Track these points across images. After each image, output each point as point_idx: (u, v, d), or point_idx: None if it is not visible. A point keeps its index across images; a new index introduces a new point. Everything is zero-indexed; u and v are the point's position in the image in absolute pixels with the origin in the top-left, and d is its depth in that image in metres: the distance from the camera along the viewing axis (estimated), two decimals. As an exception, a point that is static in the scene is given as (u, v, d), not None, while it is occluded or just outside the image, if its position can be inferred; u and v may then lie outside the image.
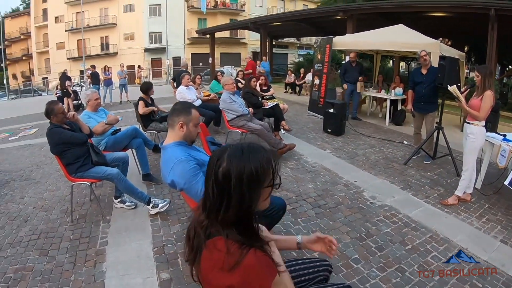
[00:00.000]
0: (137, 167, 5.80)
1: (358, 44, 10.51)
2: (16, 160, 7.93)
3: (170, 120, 2.97)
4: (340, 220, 4.21)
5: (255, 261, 1.36)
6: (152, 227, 4.22)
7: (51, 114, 4.34)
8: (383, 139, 7.96)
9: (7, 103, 28.85)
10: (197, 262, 1.51)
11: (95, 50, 42.78)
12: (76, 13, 42.17)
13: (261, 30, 21.56)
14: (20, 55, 50.90)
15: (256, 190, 1.43)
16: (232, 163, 1.41)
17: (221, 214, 1.43)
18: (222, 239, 1.42)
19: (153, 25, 41.51)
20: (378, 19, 13.96)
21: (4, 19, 47.75)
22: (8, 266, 3.64)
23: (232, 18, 41.80)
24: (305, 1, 49.41)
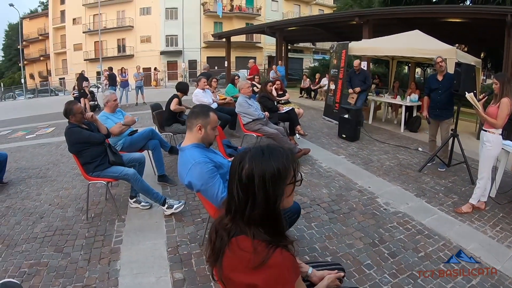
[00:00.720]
0: (153, 168, 5.85)
1: (374, 50, 10.49)
2: (33, 158, 8.05)
3: (188, 122, 3.02)
4: (354, 226, 4.20)
5: (281, 260, 1.39)
6: (167, 227, 4.25)
7: (70, 114, 4.42)
8: (398, 145, 7.91)
9: (24, 102, 29.28)
10: (218, 262, 1.54)
11: (111, 52, 43.21)
12: (94, 15, 42.77)
13: (277, 35, 21.53)
14: (37, 55, 51.77)
15: (279, 188, 1.46)
16: (255, 164, 1.46)
17: (247, 213, 1.46)
18: (247, 239, 1.45)
19: (169, 28, 41.68)
20: (394, 24, 13.88)
21: (23, 20, 48.45)
22: (23, 261, 3.71)
23: (248, 22, 41.90)
24: (320, 6, 49.42)
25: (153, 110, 7.55)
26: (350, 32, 17.98)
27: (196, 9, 41.58)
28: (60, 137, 9.95)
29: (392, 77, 13.05)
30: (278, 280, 1.38)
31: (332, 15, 19.60)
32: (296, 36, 25.39)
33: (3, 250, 3.99)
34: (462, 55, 8.81)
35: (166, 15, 41.85)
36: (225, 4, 41.82)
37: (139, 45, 42.73)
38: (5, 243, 4.14)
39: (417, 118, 9.61)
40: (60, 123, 12.57)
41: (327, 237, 3.94)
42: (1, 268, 3.62)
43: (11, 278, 3.08)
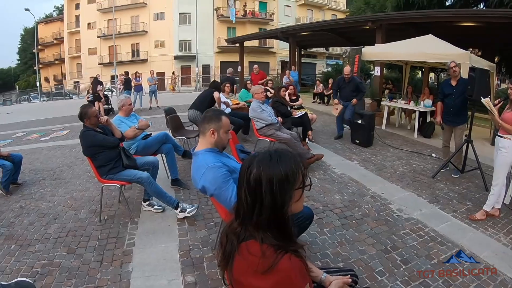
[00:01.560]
0: (166, 172, 5.88)
1: (387, 55, 10.46)
2: (47, 160, 8.14)
3: (201, 127, 3.04)
4: (366, 232, 4.18)
5: (290, 265, 1.39)
6: (179, 231, 4.28)
7: (85, 117, 4.48)
8: (411, 151, 7.85)
9: (39, 105, 29.64)
10: (229, 266, 1.55)
11: (125, 56, 43.56)
12: (108, 20, 43.28)
13: (290, 40, 21.54)
14: (52, 59, 52.46)
15: (287, 192, 1.47)
16: (262, 168, 1.47)
17: (255, 218, 1.47)
18: (256, 243, 1.46)
19: (183, 33, 41.94)
20: (407, 29, 13.81)
21: (38, 25, 49.15)
22: (35, 261, 3.77)
23: (261, 27, 42.07)
24: (333, 11, 49.48)
25: (167, 115, 7.62)
26: (363, 37, 17.95)
27: (210, 14, 41.78)
28: (74, 140, 10.07)
29: (406, 82, 12.96)
30: (286, 285, 1.39)
31: (345, 20, 19.61)
32: (309, 41, 25.39)
33: (16, 249, 4.06)
34: (476, 59, 8.71)
35: (180, 20, 42.12)
36: (238, 9, 42.00)
37: (153, 50, 43.05)
38: (19, 243, 4.21)
39: (430, 123, 9.53)
40: (74, 126, 12.69)
41: (340, 243, 3.93)
42: (14, 267, 3.69)
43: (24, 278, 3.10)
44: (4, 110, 27.32)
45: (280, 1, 45.43)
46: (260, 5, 44.24)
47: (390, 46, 10.72)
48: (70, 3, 48.08)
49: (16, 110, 25.54)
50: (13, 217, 5.01)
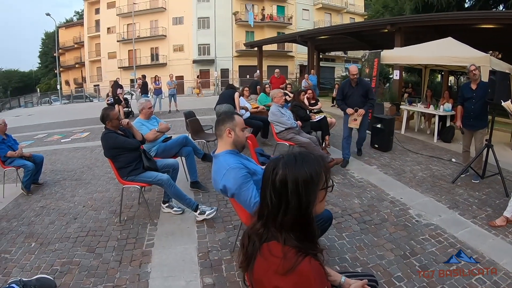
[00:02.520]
0: (185, 174, 5.94)
1: (406, 58, 10.35)
2: (68, 161, 8.30)
3: (217, 131, 3.08)
4: (385, 237, 4.14)
5: (310, 268, 1.41)
6: (198, 233, 4.31)
7: (107, 120, 4.57)
8: (431, 156, 7.76)
9: (60, 107, 30.13)
10: (250, 267, 1.57)
11: (145, 60, 44.05)
12: (127, 25, 43.89)
13: (309, 44, 21.44)
14: (73, 62, 53.40)
15: (312, 193, 1.49)
16: (288, 170, 1.49)
17: (280, 218, 1.49)
18: (278, 245, 1.48)
19: (201, 37, 42.21)
20: (426, 32, 13.71)
21: (59, 29, 49.93)
22: (55, 259, 3.86)
23: (279, 31, 42.04)
24: (351, 14, 49.22)
25: (187, 118, 7.69)
26: (382, 40, 17.85)
27: (228, 18, 41.97)
28: (94, 142, 10.22)
29: (425, 86, 12.83)
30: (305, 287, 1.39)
31: (364, 23, 19.50)
32: (327, 45, 25.29)
33: (37, 247, 4.17)
34: (497, 62, 8.56)
35: (199, 24, 42.41)
36: (257, 13, 42.21)
37: (172, 54, 43.43)
38: (39, 241, 4.32)
39: (450, 128, 9.42)
40: (94, 128, 12.89)
41: (358, 247, 3.90)
42: (34, 265, 3.78)
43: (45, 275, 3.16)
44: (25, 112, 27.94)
45: (298, 5, 45.43)
46: (278, 9, 44.24)
47: (409, 50, 10.62)
48: (90, 8, 49.01)
49: (37, 112, 26.05)
50: (33, 216, 5.14)
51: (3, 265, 3.83)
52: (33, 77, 66.49)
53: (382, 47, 13.49)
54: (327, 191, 1.58)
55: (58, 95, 40.38)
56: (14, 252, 4.11)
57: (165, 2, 42.92)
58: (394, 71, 14.90)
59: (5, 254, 4.06)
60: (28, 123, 17.53)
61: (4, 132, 6.28)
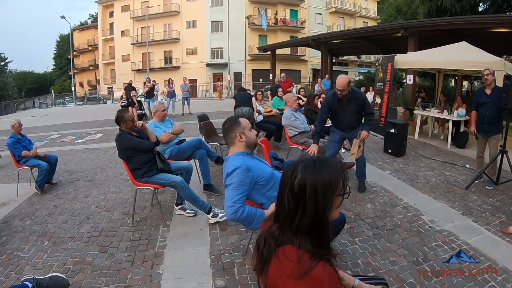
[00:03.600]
0: (199, 177, 5.96)
1: (420, 63, 10.31)
2: (82, 162, 8.40)
3: (228, 139, 3.14)
4: (398, 243, 4.11)
5: (324, 273, 1.41)
6: (211, 235, 4.32)
7: (121, 121, 4.62)
8: (445, 161, 7.69)
9: (73, 109, 30.46)
10: (265, 271, 1.57)
11: (158, 63, 44.45)
12: (141, 28, 44.35)
13: (322, 48, 21.43)
14: (87, 65, 54.14)
15: (329, 198, 1.49)
16: (307, 174, 1.49)
17: (296, 222, 1.50)
18: (293, 249, 1.48)
19: (215, 41, 42.43)
20: (440, 36, 13.63)
21: (74, 32, 50.51)
22: (68, 258, 3.91)
23: (292, 35, 42.12)
24: (365, 18, 49.19)
25: (201, 121, 7.73)
26: (395, 45, 17.83)
27: (241, 22, 42.15)
28: (108, 143, 10.31)
29: (439, 91, 12.73)
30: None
31: (378, 27, 19.38)
32: (340, 49, 25.25)
33: (49, 246, 4.22)
34: (511, 67, 8.50)
35: (212, 28, 42.67)
36: (270, 17, 42.34)
37: (185, 57, 43.73)
38: (52, 240, 4.38)
39: (464, 133, 9.33)
40: (108, 130, 13.02)
41: (371, 253, 3.89)
42: (46, 263, 3.83)
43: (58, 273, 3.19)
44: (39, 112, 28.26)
45: (311, 9, 45.48)
46: (291, 13, 44.32)
47: (423, 54, 10.58)
48: (105, 11, 49.58)
49: (51, 113, 26.34)
50: (47, 215, 5.22)
51: (16, 262, 3.89)
52: (48, 79, 67.39)
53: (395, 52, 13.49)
54: (344, 198, 1.58)
55: (72, 96, 40.88)
56: (26, 250, 4.17)
57: (179, 6, 43.26)
58: (407, 75, 14.83)
59: (18, 252, 4.13)
60: (42, 124, 17.75)
61: (19, 132, 6.39)
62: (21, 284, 2.80)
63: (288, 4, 44.06)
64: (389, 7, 26.95)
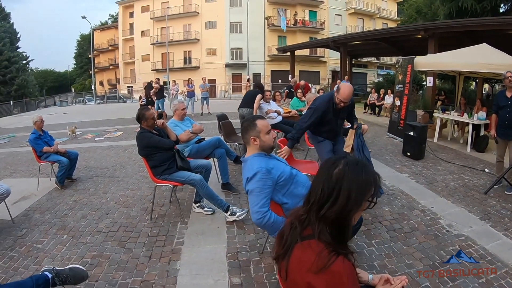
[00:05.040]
0: (217, 175, 6.02)
1: (440, 65, 10.18)
2: (101, 159, 8.55)
3: (244, 139, 3.15)
4: (415, 246, 4.09)
5: (342, 268, 1.45)
6: (228, 233, 4.37)
7: (142, 119, 4.70)
8: (464, 165, 7.60)
9: (94, 107, 30.80)
10: (287, 257, 1.61)
11: (178, 63, 44.84)
12: (161, 28, 44.84)
13: (341, 49, 21.32)
14: (107, 64, 54.96)
15: (360, 198, 1.55)
16: (348, 168, 1.56)
17: (324, 209, 1.54)
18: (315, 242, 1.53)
19: (234, 42, 42.63)
20: (460, 38, 13.47)
21: (94, 31, 51.18)
22: (86, 251, 4.01)
23: (312, 36, 41.95)
24: (384, 20, 48.76)
25: (220, 120, 7.81)
26: (415, 46, 17.70)
27: (260, 23, 42.19)
28: (127, 141, 10.44)
29: (459, 94, 12.56)
30: (338, 286, 1.43)
31: (398, 29, 19.18)
32: (360, 51, 25.13)
33: (68, 239, 4.34)
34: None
35: (231, 28, 42.86)
36: (289, 18, 42.29)
37: (205, 58, 44.02)
38: (71, 234, 4.49)
39: (484, 137, 9.17)
40: (127, 128, 13.18)
41: (387, 255, 3.87)
42: (65, 256, 3.93)
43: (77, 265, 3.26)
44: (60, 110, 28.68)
45: (331, 10, 45.29)
46: (311, 14, 44.21)
47: (443, 56, 10.45)
48: (125, 12, 50.22)
49: (72, 110, 26.74)
50: (66, 210, 5.34)
51: (35, 254, 4.00)
52: (68, 77, 68.38)
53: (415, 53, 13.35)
54: (369, 206, 1.62)
55: (92, 95, 41.38)
56: (46, 242, 4.29)
57: (198, 6, 43.53)
58: (427, 78, 14.68)
59: (37, 244, 4.25)
60: (63, 121, 17.97)
61: (41, 128, 6.54)
62: (41, 274, 2.86)
63: (308, 5, 43.98)
64: (409, 8, 26.71)
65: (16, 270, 3.72)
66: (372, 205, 1.61)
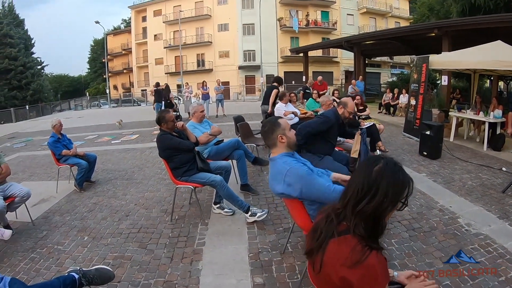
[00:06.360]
0: (235, 177, 6.05)
1: (455, 63, 10.09)
2: (119, 161, 8.66)
3: (269, 141, 3.15)
4: (434, 245, 4.09)
5: (377, 262, 1.50)
6: (248, 234, 4.40)
7: (162, 122, 4.77)
8: (481, 164, 7.53)
9: (108, 111, 31.07)
10: (321, 251, 1.66)
11: (191, 66, 45.12)
12: (174, 32, 45.27)
13: (355, 49, 21.29)
14: (121, 68, 55.49)
15: (396, 198, 1.62)
16: (388, 168, 1.63)
17: (362, 205, 1.60)
18: (351, 238, 1.58)
19: (246, 44, 42.73)
20: (474, 35, 13.31)
21: (107, 36, 51.60)
22: (108, 253, 4.09)
23: (324, 37, 41.86)
24: (396, 18, 48.48)
25: (237, 122, 7.88)
26: (428, 45, 17.60)
27: (273, 24, 42.30)
28: (144, 144, 10.55)
29: (474, 92, 12.42)
30: (372, 280, 1.49)
31: (411, 27, 18.99)
32: (373, 50, 25.00)
33: (89, 241, 4.43)
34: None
35: (244, 31, 43.03)
36: (301, 19, 42.28)
37: (218, 60, 44.29)
38: (91, 235, 4.58)
39: (500, 135, 9.07)
40: (143, 131, 13.30)
41: (407, 254, 3.89)
42: (86, 257, 4.03)
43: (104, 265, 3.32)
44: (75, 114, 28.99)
45: (342, 10, 45.17)
46: (322, 15, 44.17)
47: (457, 54, 10.36)
48: (137, 16, 50.78)
49: (87, 114, 27.02)
50: (86, 212, 5.44)
51: (56, 256, 4.10)
52: (82, 82, 69.08)
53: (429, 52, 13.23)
54: (401, 207, 1.68)
55: (106, 99, 41.79)
56: (67, 244, 4.39)
57: (210, 9, 43.81)
58: (442, 76, 14.57)
59: (58, 246, 4.35)
60: (79, 125, 18.21)
61: (59, 131, 6.66)
62: (68, 275, 2.91)
63: (319, 5, 43.96)
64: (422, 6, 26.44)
65: (37, 271, 3.81)
66: (404, 207, 1.67)
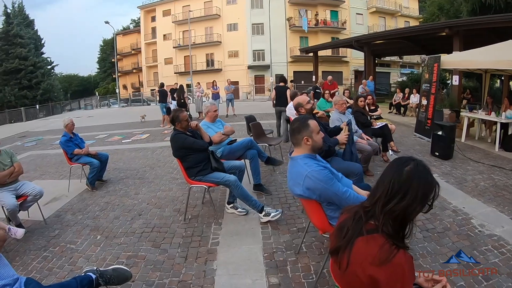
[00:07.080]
0: (248, 177, 6.04)
1: (467, 63, 10.02)
2: (130, 161, 8.70)
3: (294, 139, 3.12)
4: (448, 246, 4.08)
5: (404, 260, 1.53)
6: (263, 234, 4.40)
7: (176, 121, 4.78)
8: (493, 165, 7.48)
9: (118, 110, 31.21)
10: (348, 249, 1.67)
11: (200, 66, 45.24)
12: (183, 31, 45.46)
13: (365, 49, 21.21)
14: (130, 68, 55.81)
15: (425, 199, 1.63)
16: (418, 170, 1.64)
17: (392, 204, 1.61)
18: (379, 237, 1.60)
19: (256, 43, 42.82)
20: (484, 35, 13.23)
21: (117, 36, 51.85)
22: (121, 252, 4.11)
23: (333, 37, 41.78)
24: (406, 18, 48.36)
25: (249, 122, 7.90)
26: (438, 44, 17.48)
27: (282, 24, 42.29)
28: (155, 143, 10.60)
29: (485, 92, 12.34)
30: (400, 278, 1.51)
31: (421, 27, 18.83)
32: (383, 50, 24.82)
33: (102, 240, 4.45)
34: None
35: (253, 30, 43.10)
36: (310, 18, 42.20)
37: (227, 60, 44.42)
38: (104, 234, 4.61)
39: (512, 136, 9.04)
40: (153, 130, 13.37)
41: (421, 255, 3.88)
42: (99, 256, 4.05)
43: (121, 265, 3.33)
44: (85, 113, 29.16)
45: (352, 9, 45.13)
46: (332, 14, 44.08)
47: (469, 54, 10.29)
48: (147, 16, 51.09)
49: (97, 114, 27.17)
50: (98, 211, 5.48)
51: (69, 255, 4.13)
52: (92, 81, 69.44)
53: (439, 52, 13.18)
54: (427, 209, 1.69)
55: (116, 98, 41.98)
56: (79, 243, 4.42)
57: (219, 9, 43.94)
58: (452, 76, 14.48)
59: (70, 245, 4.38)
60: (89, 124, 18.33)
61: (71, 131, 6.70)
62: (85, 275, 2.92)
63: (329, 5, 43.84)
64: (431, 6, 26.28)
65: (50, 270, 3.83)
66: (429, 209, 1.68)
